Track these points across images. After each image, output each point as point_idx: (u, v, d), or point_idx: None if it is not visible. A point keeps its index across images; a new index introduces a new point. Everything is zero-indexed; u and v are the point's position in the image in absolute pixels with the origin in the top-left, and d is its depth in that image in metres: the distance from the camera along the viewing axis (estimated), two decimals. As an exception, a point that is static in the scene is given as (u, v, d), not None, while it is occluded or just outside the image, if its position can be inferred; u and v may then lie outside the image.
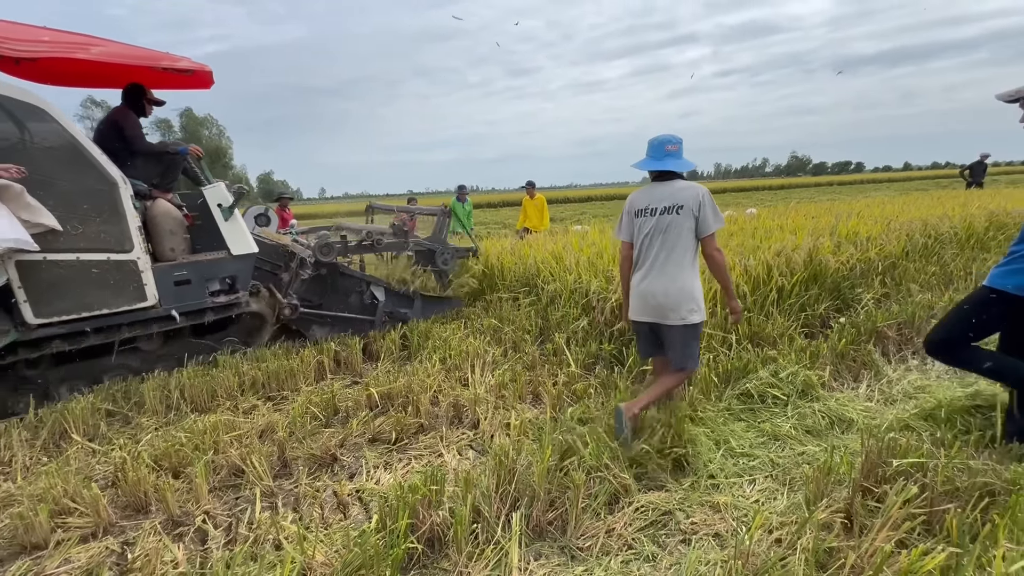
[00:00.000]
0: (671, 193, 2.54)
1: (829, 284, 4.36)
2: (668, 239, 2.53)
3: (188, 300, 3.72)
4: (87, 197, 3.27)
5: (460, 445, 2.79)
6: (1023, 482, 1.91)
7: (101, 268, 3.35)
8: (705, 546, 1.96)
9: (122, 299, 3.43)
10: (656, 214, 2.55)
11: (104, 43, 3.58)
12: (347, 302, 4.58)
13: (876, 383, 3.33)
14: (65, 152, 3.21)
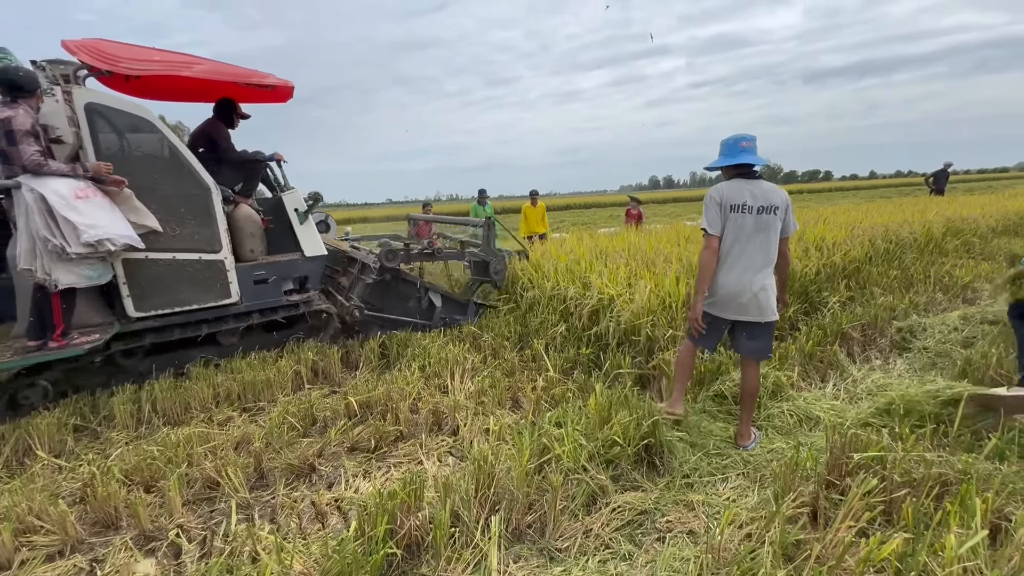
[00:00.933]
0: (764, 193, 2.53)
1: (798, 288, 4.51)
2: (766, 239, 2.53)
3: (266, 298, 4.06)
4: (184, 201, 3.61)
5: (440, 452, 2.80)
6: (972, 472, 2.02)
7: (193, 267, 3.69)
8: (679, 543, 2.02)
9: (210, 296, 3.77)
10: (754, 212, 2.52)
11: (203, 61, 3.98)
12: (406, 306, 4.77)
13: (842, 382, 3.46)
14: (168, 160, 3.56)
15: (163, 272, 3.57)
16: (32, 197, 2.89)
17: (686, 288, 3.89)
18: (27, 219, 2.92)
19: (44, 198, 2.90)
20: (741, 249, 2.54)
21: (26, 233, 2.93)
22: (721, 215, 2.56)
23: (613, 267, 4.44)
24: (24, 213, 2.92)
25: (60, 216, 2.92)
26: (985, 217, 8.79)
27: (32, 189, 2.90)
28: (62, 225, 2.93)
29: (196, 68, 3.78)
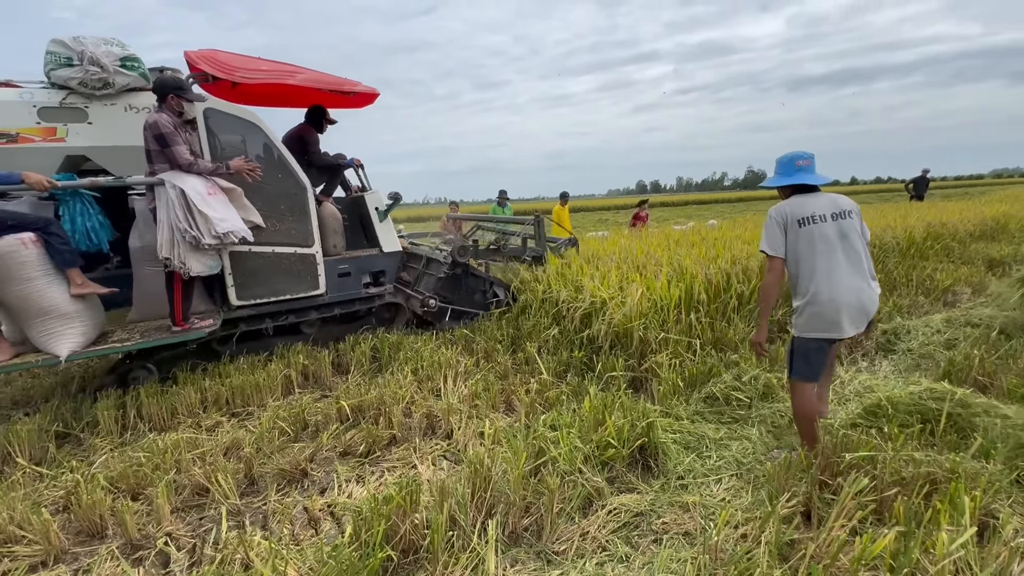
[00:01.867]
0: (831, 201, 2.36)
1: (785, 291, 4.57)
2: (853, 245, 2.33)
3: (348, 290, 4.41)
4: (284, 199, 3.94)
5: (434, 455, 2.78)
6: (960, 471, 2.06)
7: (290, 260, 4.02)
8: (676, 544, 2.02)
9: (302, 287, 4.11)
10: (830, 220, 2.32)
11: (303, 70, 4.25)
12: (472, 299, 5.03)
13: (831, 383, 3.51)
14: (271, 161, 3.88)
15: (263, 264, 3.89)
16: (175, 193, 3.20)
17: (677, 291, 3.92)
18: (168, 212, 3.22)
19: (184, 193, 3.20)
20: (833, 260, 2.30)
21: (167, 225, 3.22)
22: (786, 234, 2.37)
23: (604, 270, 4.46)
24: (165, 206, 3.22)
25: (197, 210, 3.22)
26: (963, 222, 9.01)
27: (174, 185, 3.21)
28: (198, 218, 3.24)
29: (299, 77, 4.13)
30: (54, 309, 3.07)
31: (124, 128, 3.55)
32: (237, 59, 3.96)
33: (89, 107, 3.47)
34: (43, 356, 3.07)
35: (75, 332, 3.14)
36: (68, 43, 3.31)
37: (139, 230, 3.67)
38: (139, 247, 3.65)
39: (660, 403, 3.11)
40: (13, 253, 2.93)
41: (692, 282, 4.10)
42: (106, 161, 3.55)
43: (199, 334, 3.53)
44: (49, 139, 3.37)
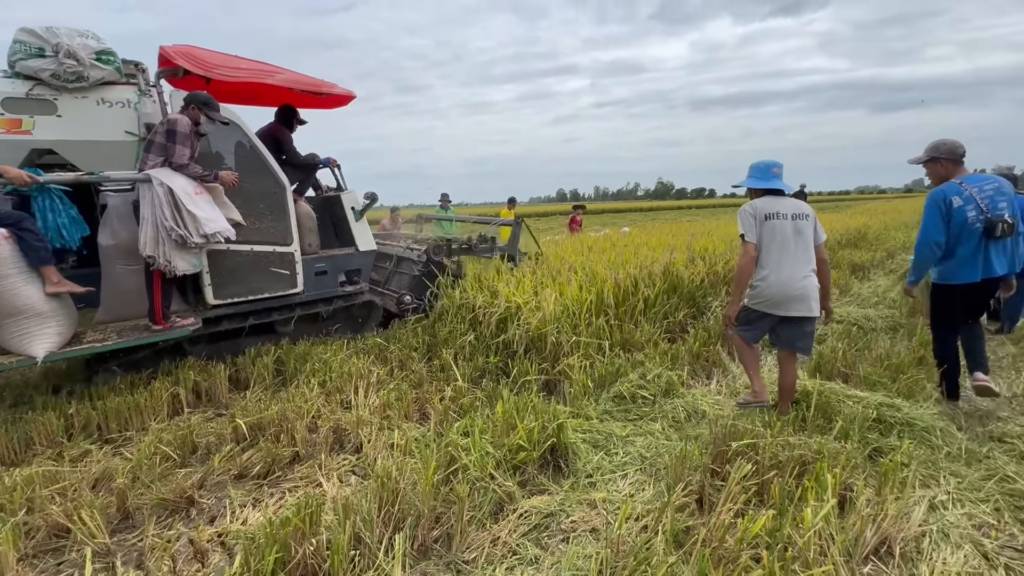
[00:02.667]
0: (793, 204, 2.84)
1: (686, 294, 4.93)
2: (805, 242, 2.81)
3: (324, 289, 4.39)
4: (263, 198, 3.91)
5: (341, 471, 2.65)
6: (824, 451, 2.33)
7: (268, 258, 3.97)
8: (583, 541, 2.08)
9: (280, 285, 4.06)
10: (790, 218, 2.80)
11: (281, 71, 4.30)
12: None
13: (724, 379, 3.82)
14: (250, 159, 3.87)
15: (241, 263, 3.84)
16: (163, 190, 3.17)
17: (589, 296, 4.08)
18: (153, 210, 3.18)
19: (172, 191, 3.18)
20: (784, 252, 2.78)
21: (151, 223, 3.18)
22: (757, 225, 2.81)
23: (520, 276, 4.53)
24: (150, 204, 3.18)
25: (185, 209, 3.20)
26: (832, 232, 10.28)
27: (162, 183, 3.17)
28: (186, 217, 3.21)
29: (278, 77, 4.21)
30: (28, 308, 2.95)
31: (96, 122, 3.44)
32: (215, 56, 3.97)
33: (59, 99, 3.33)
34: (18, 357, 2.94)
35: (51, 332, 3.04)
36: (40, 33, 3.20)
37: (111, 227, 3.51)
38: (111, 245, 3.50)
39: (571, 404, 3.20)
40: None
41: (603, 287, 4.28)
42: (74, 156, 3.38)
43: (183, 332, 3.50)
44: (14, 131, 3.20)
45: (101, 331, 3.47)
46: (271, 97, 4.72)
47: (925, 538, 2.02)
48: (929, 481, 2.37)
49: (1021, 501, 2.27)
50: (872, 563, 1.93)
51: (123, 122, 3.55)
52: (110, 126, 3.45)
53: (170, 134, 3.29)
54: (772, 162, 2.93)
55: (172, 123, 3.30)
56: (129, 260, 3.50)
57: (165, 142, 3.30)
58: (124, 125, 3.55)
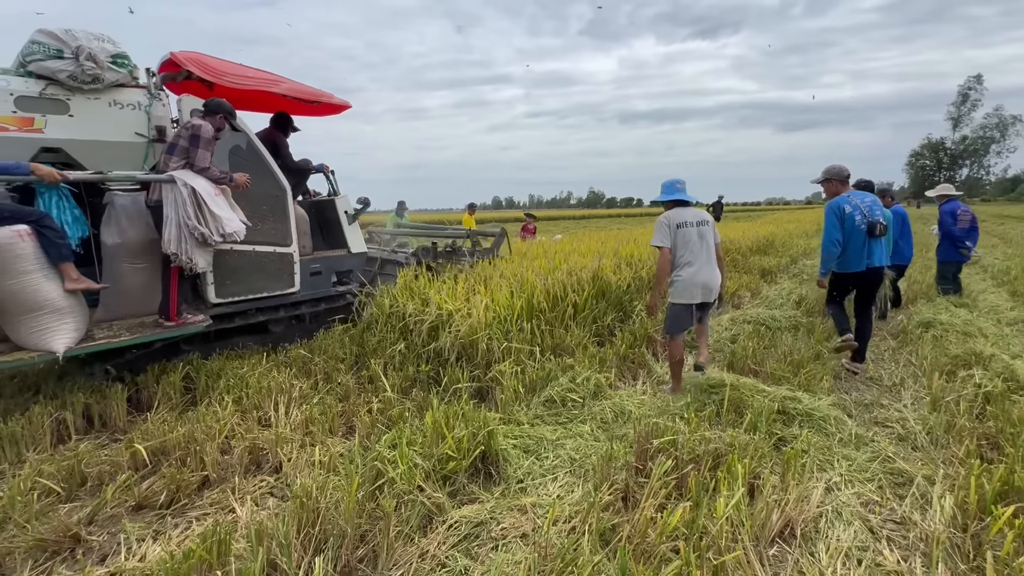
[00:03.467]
0: (695, 214, 3.52)
1: (613, 298, 5.11)
2: (706, 243, 3.48)
3: (319, 288, 4.56)
4: (266, 200, 4.06)
5: (258, 494, 2.47)
6: (736, 443, 2.49)
7: (269, 259, 4.11)
8: (513, 547, 2.07)
9: (278, 285, 4.19)
10: (695, 226, 3.46)
11: (284, 80, 4.53)
12: None
13: (649, 379, 3.99)
14: (254, 163, 4.02)
15: (244, 262, 3.96)
16: (187, 191, 3.30)
17: (519, 301, 4.12)
18: (177, 209, 3.29)
19: (196, 192, 3.32)
20: (694, 253, 3.44)
21: (175, 222, 3.29)
22: (671, 233, 3.46)
23: (451, 283, 4.49)
24: (174, 203, 3.30)
25: (208, 210, 3.35)
26: (744, 239, 11.13)
27: (186, 184, 3.31)
28: (208, 217, 3.36)
29: (283, 86, 4.47)
30: (48, 304, 3.02)
31: (107, 123, 3.54)
32: (223, 64, 4.18)
33: (71, 100, 3.41)
34: (38, 353, 2.98)
35: (69, 328, 3.10)
36: (60, 35, 3.31)
37: (117, 226, 3.58)
38: (117, 243, 3.57)
39: (503, 410, 3.20)
40: (11, 245, 2.87)
41: (533, 293, 4.34)
42: (83, 155, 3.46)
43: (196, 328, 3.59)
44: (25, 129, 3.26)
45: (109, 328, 3.51)
46: (268, 104, 4.95)
47: (822, 518, 2.22)
48: (825, 465, 2.60)
49: (899, 478, 2.55)
50: (778, 545, 2.08)
51: (133, 124, 3.66)
52: (121, 127, 3.59)
53: (194, 139, 3.44)
54: (676, 179, 3.66)
55: (197, 128, 3.46)
56: (135, 259, 3.62)
57: (188, 145, 3.45)
58: (134, 127, 3.67)
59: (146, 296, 3.68)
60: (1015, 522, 1.95)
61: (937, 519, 2.15)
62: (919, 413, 3.27)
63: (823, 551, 2.02)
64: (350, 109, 5.23)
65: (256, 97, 4.72)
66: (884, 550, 2.04)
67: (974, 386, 3.31)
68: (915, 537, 2.12)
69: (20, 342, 3.03)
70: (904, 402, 3.51)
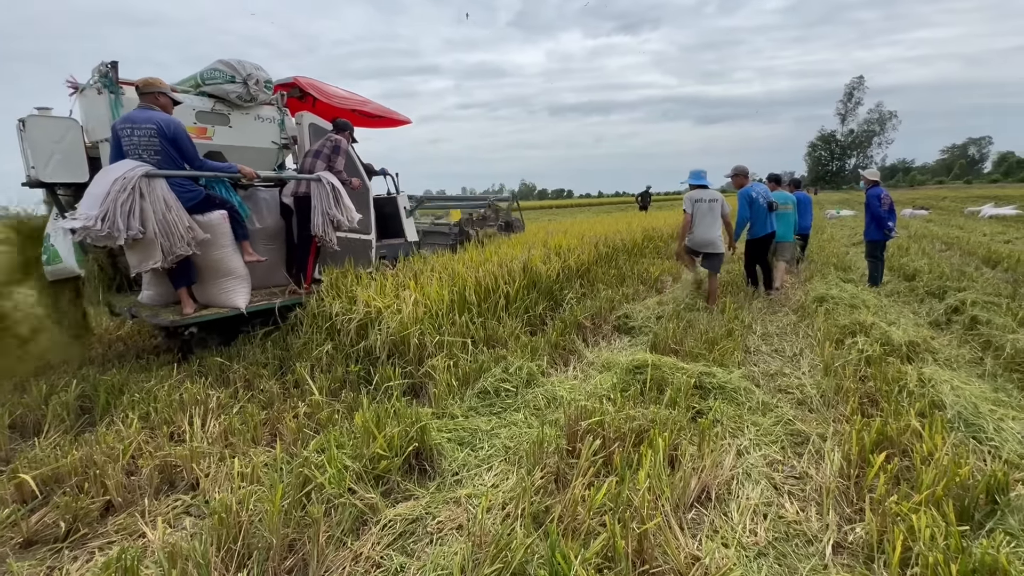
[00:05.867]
0: (710, 194, 5.53)
1: (544, 288, 5.23)
2: (713, 214, 5.50)
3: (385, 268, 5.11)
4: (357, 196, 4.86)
5: (172, 515, 2.30)
6: (657, 419, 2.65)
7: (356, 243, 5.12)
8: (449, 540, 2.09)
9: (361, 264, 4.86)
10: (707, 202, 5.49)
11: (370, 101, 5.92)
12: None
13: (579, 364, 4.13)
14: (350, 165, 4.93)
15: (341, 245, 4.55)
16: (329, 187, 4.24)
17: (449, 294, 4.10)
18: (322, 201, 4.22)
19: (335, 187, 4.28)
20: (703, 219, 5.48)
21: (320, 211, 4.21)
22: (692, 205, 5.50)
23: (380, 279, 4.39)
24: (319, 196, 4.22)
25: (343, 203, 4.32)
26: (667, 227, 11.77)
27: (328, 181, 4.27)
28: (344, 208, 4.31)
29: (371, 106, 5.87)
30: (236, 270, 3.95)
31: (253, 133, 4.63)
32: (328, 87, 5.44)
33: (231, 114, 4.47)
34: (226, 308, 3.90)
35: (245, 291, 4.01)
36: (235, 65, 4.39)
37: (259, 215, 4.55)
38: (257, 228, 4.50)
39: (436, 405, 3.19)
40: (221, 225, 3.80)
41: (464, 285, 4.34)
42: (235, 158, 4.33)
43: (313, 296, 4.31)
44: (201, 136, 4.24)
45: (257, 295, 4.31)
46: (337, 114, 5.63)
47: (734, 480, 2.42)
48: (736, 432, 2.84)
49: (798, 438, 2.84)
50: (696, 508, 2.25)
51: (270, 134, 4.75)
52: (262, 136, 4.68)
53: (336, 149, 4.46)
54: (702, 170, 5.60)
55: (338, 142, 4.50)
56: (268, 241, 4.58)
57: (330, 153, 4.43)
58: (271, 136, 4.76)
59: (270, 272, 4.58)
60: (887, 467, 2.24)
61: (828, 471, 2.42)
62: (814, 379, 3.64)
63: (735, 510, 2.21)
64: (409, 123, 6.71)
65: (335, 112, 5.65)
66: (786, 503, 2.27)
67: (857, 352, 3.74)
68: (811, 489, 2.38)
69: (208, 300, 3.94)
70: (803, 370, 3.89)
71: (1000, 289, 5.68)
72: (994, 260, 7.68)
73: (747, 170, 6.07)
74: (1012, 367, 3.67)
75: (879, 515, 2.00)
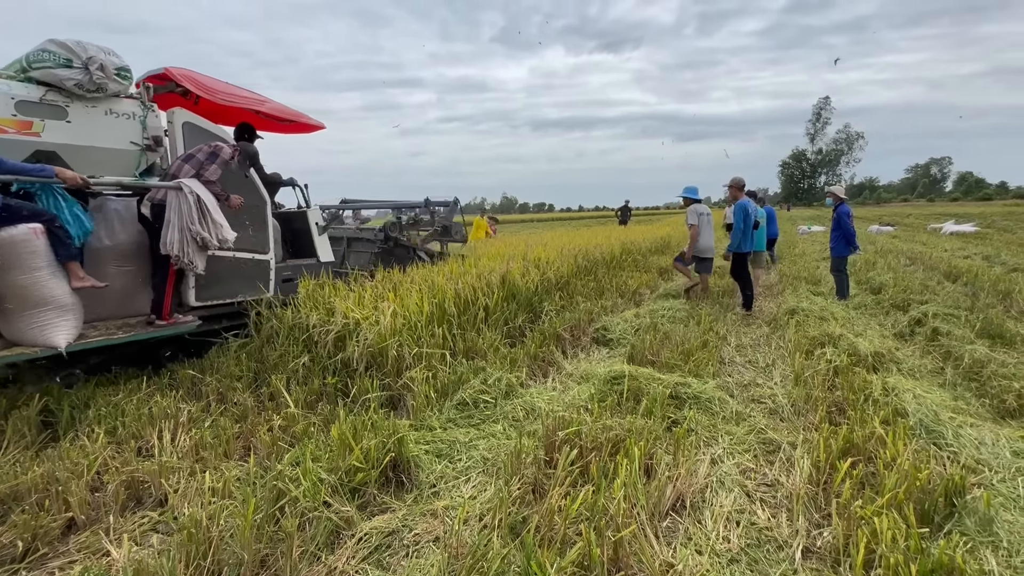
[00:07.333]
0: (706, 208, 6.68)
1: (523, 300, 5.26)
2: (711, 225, 6.62)
3: (289, 294, 4.54)
4: (247, 210, 4.24)
5: (139, 533, 2.23)
6: (634, 428, 2.69)
7: (247, 264, 4.31)
8: (426, 552, 2.07)
9: (254, 290, 4.34)
10: (707, 215, 6.65)
11: (268, 100, 4.97)
12: (404, 266, 5.70)
13: (558, 375, 4.16)
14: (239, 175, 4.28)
15: (224, 267, 4.07)
16: (192, 198, 3.56)
17: (429, 306, 4.10)
18: (180, 215, 3.53)
19: (201, 200, 3.59)
20: (705, 230, 6.57)
21: (177, 226, 3.52)
22: (699, 218, 6.50)
23: (359, 290, 4.37)
24: (178, 209, 3.54)
25: (211, 217, 3.63)
26: (645, 241, 11.98)
27: (192, 191, 3.58)
28: (210, 224, 3.62)
29: (267, 106, 4.88)
30: (54, 300, 3.16)
31: (103, 130, 3.74)
32: (214, 82, 4.45)
33: (70, 106, 3.58)
34: (40, 347, 3.12)
35: (70, 324, 3.25)
36: (71, 46, 3.50)
37: (110, 229, 3.76)
38: (108, 246, 3.74)
39: (414, 417, 3.17)
40: (26, 242, 3.04)
41: (443, 297, 4.35)
42: (77, 160, 3.59)
43: (188, 327, 3.80)
44: (23, 132, 3.42)
45: (100, 328, 3.60)
46: (243, 119, 5.05)
47: (708, 488, 2.47)
48: (711, 441, 2.90)
49: (770, 446, 2.91)
50: (671, 516, 2.28)
51: (129, 133, 3.87)
52: (117, 135, 3.79)
53: (212, 156, 3.77)
54: (695, 186, 6.75)
55: (218, 149, 3.82)
56: (123, 262, 3.80)
57: (204, 159, 3.74)
58: (130, 136, 3.87)
59: (127, 299, 3.86)
60: (853, 472, 2.31)
61: (798, 478, 2.49)
62: (785, 389, 3.74)
63: (709, 518, 2.25)
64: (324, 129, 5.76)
65: (232, 112, 4.93)
66: (758, 510, 2.32)
67: (826, 362, 3.86)
68: (782, 496, 2.44)
69: (17, 337, 3.14)
70: (775, 380, 4.00)
71: (960, 302, 5.93)
72: (954, 274, 8.02)
73: (742, 182, 6.37)
74: (970, 376, 3.84)
75: (845, 519, 2.07)
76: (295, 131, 5.74)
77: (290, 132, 5.73)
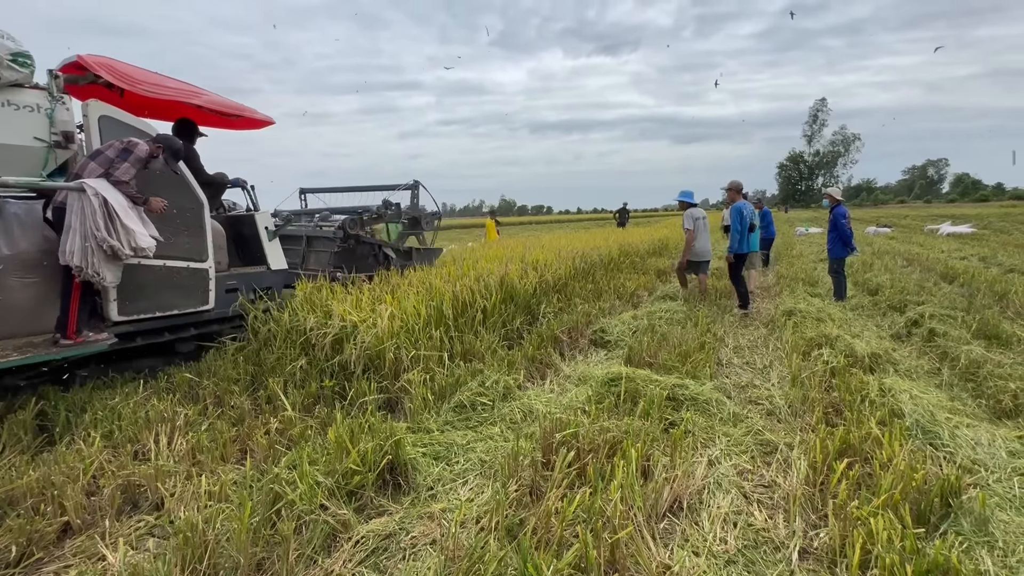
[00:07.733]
0: (702, 212, 6.75)
1: (521, 302, 5.27)
2: (707, 229, 6.78)
3: (234, 305, 4.30)
4: (179, 213, 3.86)
5: (135, 537, 2.22)
6: (631, 430, 2.69)
7: (181, 274, 3.90)
8: (423, 555, 2.07)
9: (191, 302, 3.97)
10: (703, 219, 6.69)
11: (205, 92, 4.45)
12: (367, 263, 5.73)
13: (556, 377, 4.16)
14: (169, 173, 3.80)
15: (152, 278, 3.74)
16: (97, 201, 3.09)
17: (426, 309, 4.10)
18: (84, 219, 3.07)
19: (107, 203, 3.12)
20: (701, 234, 6.64)
21: (80, 233, 3.08)
22: (694, 222, 6.53)
23: (357, 293, 4.36)
24: (80, 213, 3.08)
25: (120, 222, 3.17)
26: (643, 243, 12.00)
27: (97, 193, 3.10)
28: (119, 230, 3.17)
29: (203, 98, 4.37)
30: None
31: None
32: (138, 71, 4.00)
33: None
34: None
35: None
36: None
37: (10, 236, 3.31)
38: (7, 255, 3.25)
39: (412, 419, 3.17)
40: None
41: (441, 300, 4.35)
42: None
43: (99, 347, 3.38)
44: None
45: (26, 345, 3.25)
46: (183, 115, 4.67)
47: (705, 490, 2.47)
48: (708, 443, 2.90)
49: (767, 448, 2.91)
50: (668, 518, 2.28)
51: (31, 127, 3.41)
52: (16, 130, 3.34)
53: (124, 152, 3.31)
54: (691, 190, 6.78)
55: (132, 144, 3.35)
56: (26, 273, 3.34)
57: (114, 157, 3.29)
58: (33, 130, 3.41)
59: (35, 314, 3.39)
60: (849, 473, 2.32)
61: (795, 480, 2.49)
62: (783, 390, 3.75)
63: (706, 519, 2.25)
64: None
65: (169, 107, 4.52)
66: (755, 512, 2.32)
67: (823, 363, 3.87)
68: (779, 497, 2.44)
69: None
70: (772, 381, 4.00)
71: (956, 303, 5.95)
72: (951, 275, 8.05)
73: (740, 185, 6.59)
74: (966, 377, 3.85)
75: (841, 520, 2.07)
76: (242, 127, 5.24)
77: (236, 128, 5.26)
